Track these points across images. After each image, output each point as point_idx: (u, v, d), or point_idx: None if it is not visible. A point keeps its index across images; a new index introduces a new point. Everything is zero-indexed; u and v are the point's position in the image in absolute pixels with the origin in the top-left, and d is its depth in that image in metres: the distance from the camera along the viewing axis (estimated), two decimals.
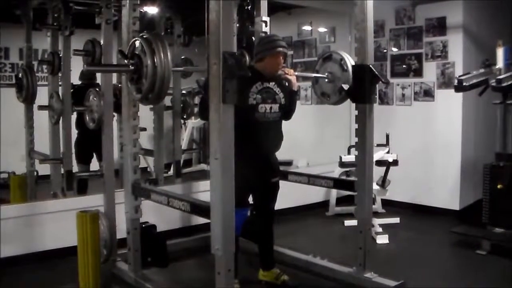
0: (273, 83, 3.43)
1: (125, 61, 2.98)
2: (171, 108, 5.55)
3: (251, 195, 3.56)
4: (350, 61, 3.76)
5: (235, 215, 2.50)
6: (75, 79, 4.53)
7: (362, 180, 3.46)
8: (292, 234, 4.97)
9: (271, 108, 3.38)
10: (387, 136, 5.16)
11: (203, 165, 7.15)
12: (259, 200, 3.58)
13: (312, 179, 3.95)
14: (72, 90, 4.59)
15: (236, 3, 4.39)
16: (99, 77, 3.99)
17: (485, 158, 4.83)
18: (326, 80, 3.90)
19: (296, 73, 3.59)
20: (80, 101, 3.96)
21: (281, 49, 3.36)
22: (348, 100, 3.77)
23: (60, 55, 4.57)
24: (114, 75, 4.16)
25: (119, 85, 3.76)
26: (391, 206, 5.82)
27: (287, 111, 3.52)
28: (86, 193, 4.93)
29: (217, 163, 2.41)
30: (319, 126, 6.93)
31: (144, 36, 2.88)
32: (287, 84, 3.51)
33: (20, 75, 4.91)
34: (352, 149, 4.84)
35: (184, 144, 6.93)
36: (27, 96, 4.84)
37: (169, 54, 2.82)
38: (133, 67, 2.92)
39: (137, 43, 2.91)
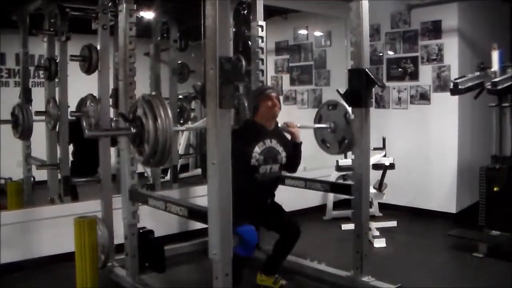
0: (275, 141, 3.46)
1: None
2: None
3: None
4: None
5: (247, 233, 2.60)
6: (72, 85, 4.52)
7: (359, 184, 3.47)
8: None
9: (271, 168, 3.43)
10: (384, 140, 5.17)
11: (200, 170, 7.14)
12: (276, 224, 3.57)
13: (309, 183, 3.97)
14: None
15: (232, 7, 4.40)
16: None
17: (481, 161, 4.84)
18: (329, 130, 3.91)
19: (298, 125, 3.62)
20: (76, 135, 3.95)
21: (270, 90, 3.49)
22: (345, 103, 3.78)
23: (57, 61, 4.57)
24: (111, 80, 4.17)
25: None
26: (388, 210, 5.82)
27: (292, 164, 3.59)
28: (78, 199, 4.88)
29: (215, 168, 2.41)
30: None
31: (146, 99, 2.77)
32: (290, 137, 3.57)
33: (16, 111, 4.82)
34: (349, 153, 4.85)
35: (181, 149, 6.92)
36: (23, 132, 4.77)
37: (171, 117, 2.71)
38: (134, 130, 2.83)
39: (139, 107, 2.80)
